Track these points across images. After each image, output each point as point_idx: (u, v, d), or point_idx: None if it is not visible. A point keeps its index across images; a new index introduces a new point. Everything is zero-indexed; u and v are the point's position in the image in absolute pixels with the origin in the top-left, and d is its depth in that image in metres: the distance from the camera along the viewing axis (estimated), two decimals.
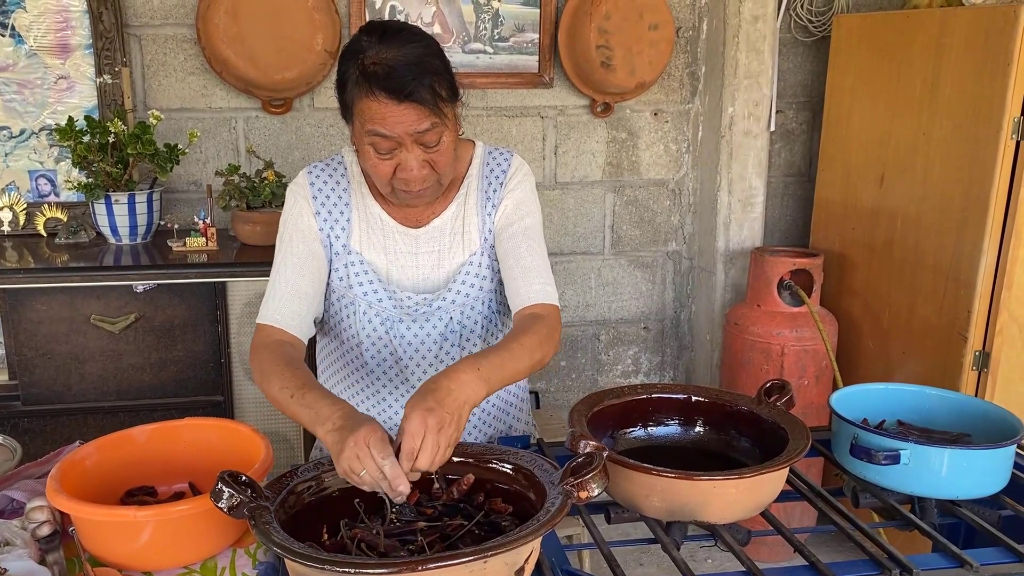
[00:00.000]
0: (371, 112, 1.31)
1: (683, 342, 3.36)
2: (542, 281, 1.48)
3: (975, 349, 2.39)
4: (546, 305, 1.46)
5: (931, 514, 1.33)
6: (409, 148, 1.34)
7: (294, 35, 2.61)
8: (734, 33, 2.89)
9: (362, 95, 1.31)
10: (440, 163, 1.38)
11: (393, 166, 1.36)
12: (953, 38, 2.38)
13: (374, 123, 1.32)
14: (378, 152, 1.35)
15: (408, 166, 1.35)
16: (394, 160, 1.36)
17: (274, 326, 1.43)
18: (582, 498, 1.05)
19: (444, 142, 1.36)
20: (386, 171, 1.37)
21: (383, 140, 1.33)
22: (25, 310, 2.24)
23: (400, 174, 1.37)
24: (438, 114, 1.32)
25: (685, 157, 3.18)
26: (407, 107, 1.30)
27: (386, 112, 1.30)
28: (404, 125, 1.31)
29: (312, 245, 1.48)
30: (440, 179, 1.41)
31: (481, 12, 2.85)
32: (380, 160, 1.36)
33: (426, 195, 1.43)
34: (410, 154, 1.34)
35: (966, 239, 2.37)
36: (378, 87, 1.29)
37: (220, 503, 1.03)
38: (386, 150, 1.34)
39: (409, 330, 1.51)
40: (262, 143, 2.81)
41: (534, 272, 1.48)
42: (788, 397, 1.39)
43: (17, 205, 2.60)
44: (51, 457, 1.46)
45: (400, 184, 1.39)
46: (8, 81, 2.59)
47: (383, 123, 1.31)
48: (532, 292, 1.46)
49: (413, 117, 1.31)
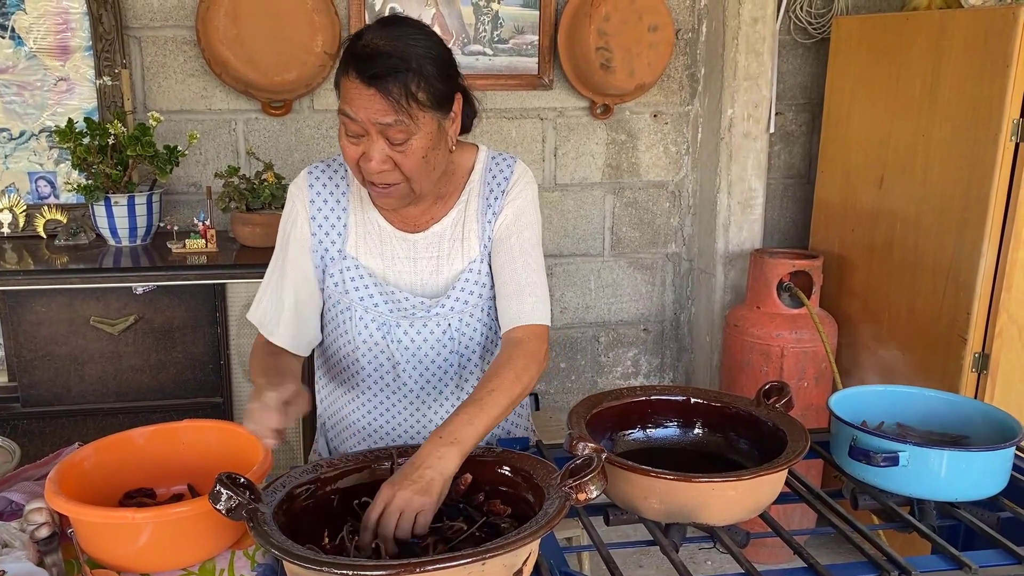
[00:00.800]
0: (344, 90, 1.32)
1: (683, 344, 3.36)
2: (534, 299, 1.48)
3: (974, 351, 2.39)
4: (531, 327, 1.46)
5: (930, 516, 1.33)
6: (374, 138, 1.32)
7: (294, 37, 2.61)
8: (733, 35, 2.89)
9: (341, 73, 1.33)
10: (405, 166, 1.34)
11: (360, 152, 1.35)
12: (952, 40, 2.38)
13: (345, 102, 1.32)
14: (347, 133, 1.35)
15: (369, 155, 1.33)
16: (361, 146, 1.34)
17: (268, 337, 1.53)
18: (581, 500, 1.05)
19: (412, 145, 1.33)
20: (352, 155, 1.36)
21: (350, 122, 1.32)
22: (25, 312, 2.24)
23: (362, 162, 1.35)
24: (403, 113, 1.30)
25: (685, 159, 3.18)
26: (373, 94, 1.29)
27: (354, 94, 1.30)
28: (368, 111, 1.30)
29: (302, 255, 1.50)
30: (411, 184, 1.37)
31: (481, 14, 2.85)
32: (349, 143, 1.35)
33: (393, 196, 1.39)
34: (374, 144, 1.32)
35: (966, 240, 2.37)
36: (352, 66, 1.30)
37: (218, 505, 1.03)
38: (354, 133, 1.33)
39: (406, 335, 1.50)
40: (262, 145, 2.81)
41: (528, 289, 1.48)
42: (787, 399, 1.39)
43: (17, 207, 2.60)
44: (50, 459, 1.46)
45: (367, 176, 1.37)
46: (8, 83, 2.59)
47: (351, 104, 1.31)
48: (522, 312, 1.46)
49: (377, 106, 1.29)
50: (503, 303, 1.48)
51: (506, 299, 1.48)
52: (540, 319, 1.47)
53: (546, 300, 1.50)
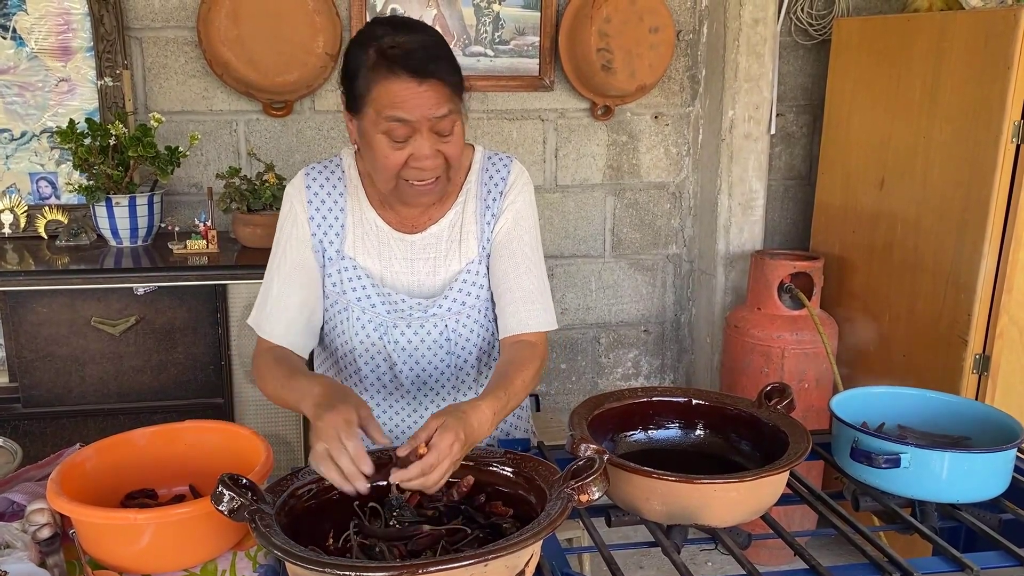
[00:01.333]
0: (391, 95, 1.30)
1: (683, 345, 3.36)
2: (541, 307, 1.49)
3: (975, 352, 2.39)
4: (540, 334, 1.48)
5: (932, 518, 1.33)
6: (424, 135, 1.32)
7: (295, 38, 2.61)
8: (734, 36, 2.89)
9: (380, 78, 1.30)
10: (452, 154, 1.36)
11: (405, 156, 1.34)
12: (953, 42, 2.38)
13: (394, 107, 1.30)
14: (393, 140, 1.33)
15: (422, 153, 1.33)
16: (406, 150, 1.33)
17: (267, 339, 1.48)
18: (583, 501, 1.05)
19: (456, 132, 1.36)
20: (397, 162, 1.34)
21: (400, 126, 1.31)
22: (26, 312, 2.24)
23: (412, 163, 1.34)
24: (454, 100, 1.33)
25: (685, 160, 3.18)
26: (427, 88, 1.29)
27: (407, 94, 1.29)
28: (423, 108, 1.30)
29: (304, 254, 1.48)
30: (449, 173, 1.40)
31: (482, 15, 2.85)
32: (393, 150, 1.33)
33: (433, 192, 1.41)
34: (424, 141, 1.32)
35: (966, 242, 2.37)
36: (400, 67, 1.28)
37: (221, 506, 1.03)
38: (401, 137, 1.32)
39: (403, 335, 1.50)
40: (263, 146, 2.81)
41: (534, 296, 1.49)
42: (788, 400, 1.39)
43: (18, 207, 2.60)
44: (51, 460, 1.46)
45: (412, 175, 1.36)
46: (9, 84, 2.59)
47: (403, 106, 1.29)
48: (531, 319, 1.47)
49: (432, 100, 1.30)
50: (510, 308, 1.48)
51: (513, 304, 1.48)
52: (547, 326, 1.50)
53: (551, 306, 1.52)
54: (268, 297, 1.50)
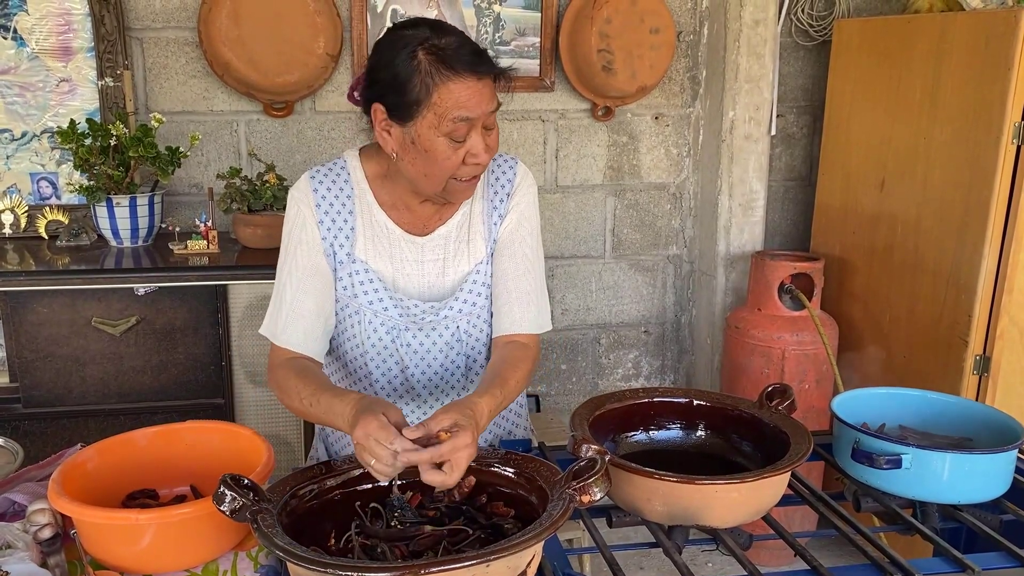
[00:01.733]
0: (456, 96, 1.29)
1: (683, 346, 3.36)
2: (536, 309, 1.51)
3: (976, 353, 2.39)
4: (533, 335, 1.50)
5: (933, 518, 1.33)
6: (478, 131, 1.33)
7: (295, 38, 2.61)
8: (735, 37, 2.89)
9: (445, 80, 1.29)
10: (495, 147, 1.39)
11: (463, 154, 1.35)
12: (953, 43, 2.39)
13: (459, 108, 1.30)
14: (455, 141, 1.33)
15: (478, 149, 1.34)
16: (464, 148, 1.34)
17: (286, 348, 1.45)
18: (584, 502, 1.05)
19: (496, 125, 1.38)
20: (457, 162, 1.35)
21: (463, 125, 1.31)
22: (26, 312, 2.24)
23: (469, 160, 1.35)
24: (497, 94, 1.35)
25: (686, 161, 3.19)
26: (484, 84, 1.31)
27: (469, 92, 1.30)
28: (483, 105, 1.31)
29: (316, 259, 1.46)
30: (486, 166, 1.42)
31: (482, 16, 2.85)
32: (454, 151, 1.33)
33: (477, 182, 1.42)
34: (477, 137, 1.33)
35: (967, 243, 2.37)
36: (465, 68, 1.29)
37: (222, 506, 1.03)
38: (462, 136, 1.33)
39: (415, 339, 1.50)
40: (263, 146, 2.81)
41: (531, 297, 1.50)
42: (790, 401, 1.39)
43: (18, 208, 2.60)
44: (52, 460, 1.46)
45: (466, 172, 1.37)
46: (10, 84, 2.59)
47: (467, 105, 1.30)
48: (525, 320, 1.49)
49: (489, 95, 1.32)
50: (505, 307, 1.49)
51: (508, 304, 1.49)
52: (542, 328, 1.51)
53: (547, 308, 1.54)
54: (282, 304, 1.45)
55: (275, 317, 1.46)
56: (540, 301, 1.52)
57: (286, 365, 1.41)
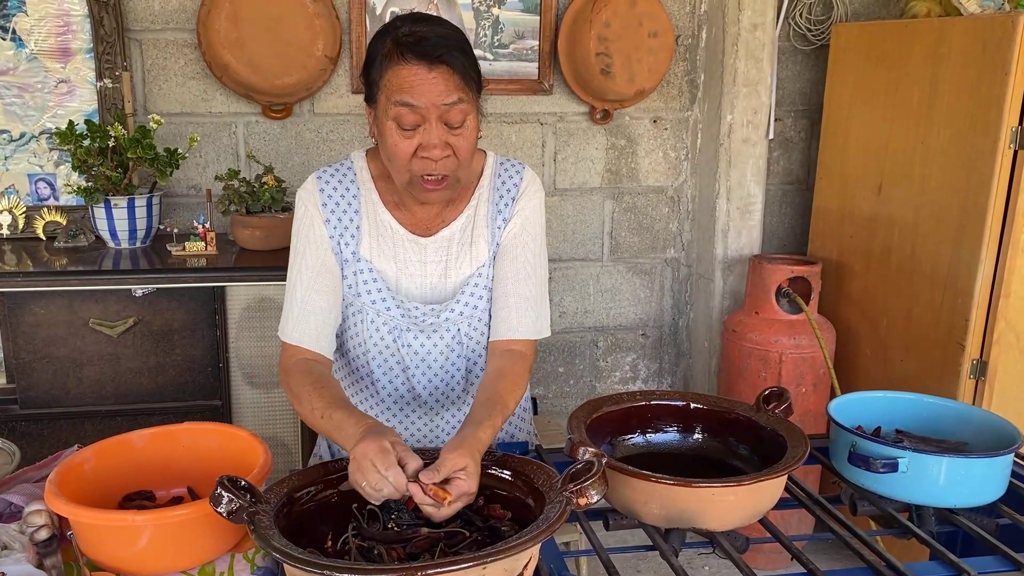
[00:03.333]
0: (400, 80, 1.31)
1: (681, 349, 3.36)
2: (536, 314, 1.50)
3: (972, 357, 2.40)
4: (529, 342, 1.49)
5: (929, 522, 1.33)
6: (433, 124, 1.32)
7: (294, 41, 2.61)
8: (733, 41, 2.90)
9: (392, 64, 1.32)
10: (462, 148, 1.36)
11: (415, 145, 1.34)
12: (951, 48, 2.39)
13: (402, 92, 1.31)
14: (401, 127, 1.33)
15: (430, 143, 1.33)
16: (416, 139, 1.34)
17: (298, 345, 1.45)
18: (581, 504, 1.05)
19: (468, 125, 1.35)
20: (407, 150, 1.34)
21: (408, 112, 1.32)
22: (24, 313, 2.24)
23: (421, 153, 1.34)
24: (465, 89, 1.33)
25: (684, 164, 3.19)
26: (436, 74, 1.30)
27: (415, 80, 1.30)
28: (432, 95, 1.30)
29: (325, 257, 1.47)
30: (459, 171, 1.39)
31: (481, 19, 2.86)
32: (402, 138, 1.34)
33: (442, 190, 1.40)
34: (432, 131, 1.33)
35: (964, 248, 2.38)
36: (410, 52, 1.30)
37: (219, 508, 1.03)
38: (410, 125, 1.33)
39: (416, 340, 1.51)
40: (262, 148, 2.81)
41: (531, 303, 1.50)
42: (787, 405, 1.40)
43: (16, 209, 2.60)
44: (49, 461, 1.46)
45: (421, 167, 1.35)
46: (8, 85, 2.59)
47: (411, 91, 1.30)
48: (524, 326, 1.48)
49: (441, 86, 1.31)
50: (503, 312, 1.49)
51: (507, 309, 1.49)
52: (539, 334, 1.51)
53: (547, 314, 1.53)
54: (293, 303, 1.46)
55: (287, 316, 1.47)
56: (539, 307, 1.51)
57: (301, 369, 1.40)
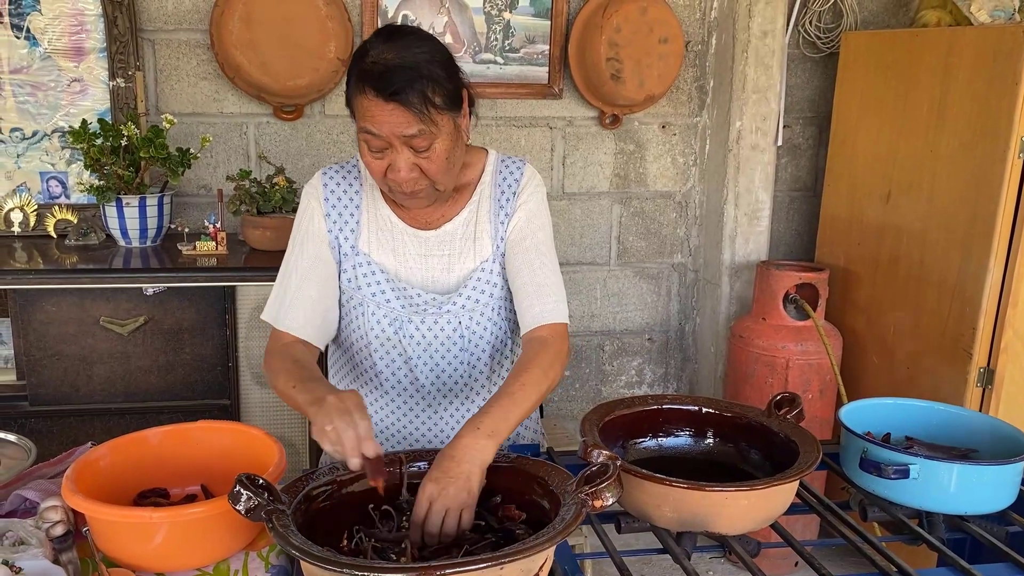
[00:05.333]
0: (362, 109, 1.34)
1: (687, 354, 3.37)
2: (554, 299, 1.51)
3: (979, 366, 2.40)
4: (554, 325, 1.49)
5: (939, 529, 1.34)
6: (399, 149, 1.35)
7: (306, 43, 2.63)
8: (743, 48, 2.91)
9: (356, 92, 1.35)
10: (431, 170, 1.38)
11: (385, 165, 1.38)
12: (961, 57, 2.40)
13: (364, 120, 1.34)
14: (370, 149, 1.37)
15: (396, 167, 1.36)
16: (386, 159, 1.37)
17: (286, 331, 1.49)
18: (596, 507, 1.06)
19: (436, 149, 1.37)
20: (379, 169, 1.39)
21: (373, 138, 1.35)
22: (35, 311, 2.25)
23: (390, 174, 1.38)
24: (426, 121, 1.33)
25: (692, 170, 3.20)
26: (394, 108, 1.32)
27: (375, 111, 1.32)
28: (391, 126, 1.33)
29: (321, 249, 1.51)
30: (436, 185, 1.41)
31: (492, 23, 2.87)
32: (373, 158, 1.38)
33: (420, 197, 1.43)
34: (399, 155, 1.35)
35: (972, 256, 2.38)
36: (369, 85, 1.32)
37: (238, 505, 1.04)
38: (377, 148, 1.36)
39: (418, 330, 1.53)
40: (272, 149, 2.82)
41: (547, 289, 1.51)
42: (798, 410, 1.40)
43: (28, 206, 2.61)
44: (63, 458, 1.47)
45: (392, 185, 1.41)
46: (22, 83, 2.60)
47: (372, 121, 1.33)
48: (544, 311, 1.49)
49: (400, 119, 1.32)
50: (524, 303, 1.50)
51: (527, 299, 1.50)
52: (561, 317, 1.50)
53: (564, 299, 1.53)
54: (286, 291, 1.51)
55: (279, 302, 1.51)
56: (557, 292, 1.52)
57: (282, 350, 1.45)
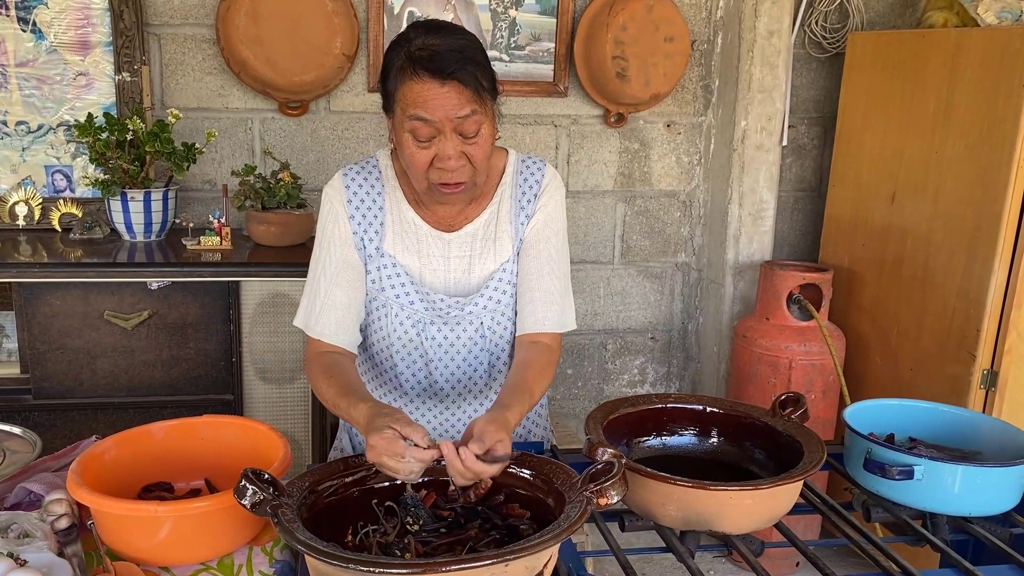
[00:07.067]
0: (413, 95, 1.33)
1: (690, 353, 3.37)
2: (559, 308, 1.53)
3: (983, 368, 2.40)
4: (555, 335, 1.52)
5: (943, 530, 1.34)
6: (448, 136, 1.35)
7: (312, 38, 2.62)
8: (749, 48, 2.91)
9: (406, 78, 1.34)
10: (477, 156, 1.38)
11: (431, 156, 1.37)
12: (967, 58, 2.40)
13: (416, 107, 1.33)
14: (417, 139, 1.36)
15: (446, 154, 1.35)
16: (432, 149, 1.36)
17: (319, 339, 1.49)
18: (601, 505, 1.06)
19: (483, 134, 1.38)
20: (423, 161, 1.38)
21: (423, 126, 1.34)
22: (39, 304, 2.25)
23: (437, 164, 1.37)
24: (478, 101, 1.34)
25: (697, 169, 3.20)
26: (449, 89, 1.32)
27: (428, 95, 1.32)
28: (445, 109, 1.32)
29: (348, 252, 1.50)
30: (475, 176, 1.42)
31: (498, 20, 2.86)
32: (418, 149, 1.36)
33: (460, 194, 1.43)
34: (448, 142, 1.35)
35: (976, 258, 2.38)
36: (422, 68, 1.32)
37: (244, 500, 1.04)
38: (425, 137, 1.35)
39: (440, 332, 1.53)
40: (278, 144, 2.82)
41: (555, 297, 1.52)
42: (803, 410, 1.41)
43: (33, 200, 2.61)
44: (67, 451, 1.48)
45: (436, 176, 1.39)
46: (28, 76, 2.60)
47: (424, 106, 1.33)
48: (549, 319, 1.51)
49: (454, 100, 1.32)
50: (529, 307, 1.51)
51: (532, 304, 1.51)
52: (562, 327, 1.53)
53: (571, 306, 1.56)
54: (316, 297, 1.50)
55: (309, 309, 1.50)
56: (564, 300, 1.54)
57: (318, 361, 1.45)
